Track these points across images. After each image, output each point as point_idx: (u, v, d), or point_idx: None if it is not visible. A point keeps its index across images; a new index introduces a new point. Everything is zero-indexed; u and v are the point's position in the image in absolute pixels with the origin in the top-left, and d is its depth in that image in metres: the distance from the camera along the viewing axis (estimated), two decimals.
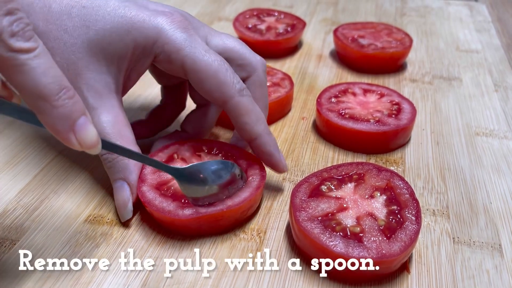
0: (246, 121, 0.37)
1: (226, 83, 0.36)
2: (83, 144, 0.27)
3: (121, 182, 0.37)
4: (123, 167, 0.36)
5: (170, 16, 0.37)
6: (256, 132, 0.37)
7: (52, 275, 0.33)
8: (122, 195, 0.36)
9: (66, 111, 0.26)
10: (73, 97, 0.27)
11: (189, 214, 0.34)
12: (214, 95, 0.37)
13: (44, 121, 0.26)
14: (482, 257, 0.35)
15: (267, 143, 0.38)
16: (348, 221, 0.34)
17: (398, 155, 0.46)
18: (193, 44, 0.36)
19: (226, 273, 0.33)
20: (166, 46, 0.36)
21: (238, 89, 0.37)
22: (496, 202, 0.40)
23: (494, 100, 0.55)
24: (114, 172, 0.37)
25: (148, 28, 0.36)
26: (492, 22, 0.76)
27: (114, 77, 0.37)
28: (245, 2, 0.81)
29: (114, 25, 0.36)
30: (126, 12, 0.36)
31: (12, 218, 0.37)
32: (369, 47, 0.59)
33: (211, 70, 0.36)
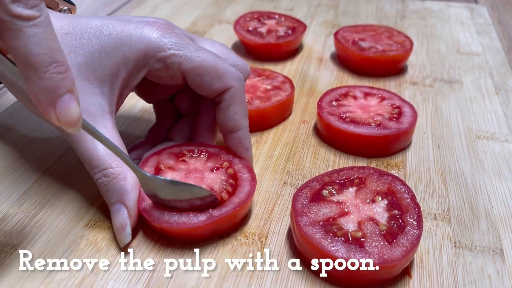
0: (237, 111, 0.38)
1: (226, 71, 0.37)
2: (61, 120, 0.27)
3: (118, 205, 0.35)
4: (120, 189, 0.35)
5: (154, 25, 0.37)
6: (242, 125, 0.39)
7: (53, 280, 0.33)
8: (119, 219, 0.35)
9: (51, 85, 0.26)
10: (63, 73, 0.26)
11: (204, 219, 0.34)
12: (216, 87, 0.37)
13: (29, 89, 0.26)
14: (483, 261, 0.35)
15: (247, 138, 0.39)
16: (349, 225, 0.34)
17: (399, 159, 0.46)
18: (184, 45, 0.37)
19: (228, 277, 0.33)
20: (159, 54, 0.36)
21: (238, 77, 0.38)
22: (497, 206, 0.40)
23: (495, 103, 0.55)
24: (111, 196, 0.35)
25: (136, 41, 0.36)
26: (493, 25, 0.76)
27: (107, 98, 0.37)
28: (245, 5, 0.81)
29: (101, 45, 0.36)
30: (111, 30, 0.36)
31: (13, 223, 0.37)
32: (370, 50, 0.59)
33: (209, 64, 0.37)
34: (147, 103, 0.52)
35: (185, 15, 0.76)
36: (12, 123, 0.49)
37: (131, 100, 0.54)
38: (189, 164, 0.39)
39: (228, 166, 0.39)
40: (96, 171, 0.35)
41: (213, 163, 0.40)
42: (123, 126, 0.49)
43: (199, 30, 0.72)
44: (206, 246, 0.36)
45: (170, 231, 0.35)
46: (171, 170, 0.38)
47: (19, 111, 0.51)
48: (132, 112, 0.52)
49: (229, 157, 0.40)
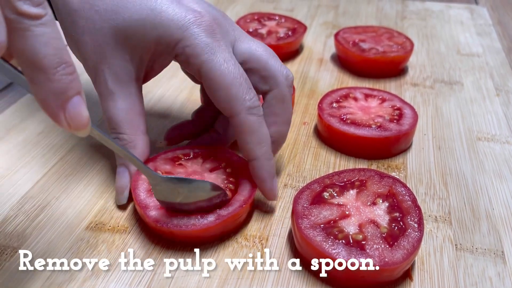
0: (248, 141, 0.36)
1: (236, 98, 0.35)
2: (71, 124, 0.26)
3: (123, 168, 0.38)
4: None
5: (199, 18, 0.36)
6: (255, 155, 0.36)
7: (54, 282, 0.33)
8: (121, 180, 0.38)
9: (61, 87, 0.25)
10: (71, 74, 0.25)
11: (213, 219, 0.34)
12: (222, 107, 0.36)
13: (36, 93, 0.25)
14: (484, 264, 0.35)
15: (263, 168, 0.37)
16: (350, 228, 0.34)
17: (400, 160, 0.46)
18: (214, 50, 0.35)
19: (229, 279, 0.33)
20: (187, 48, 0.36)
21: (247, 107, 0.36)
22: (498, 208, 0.40)
23: (496, 104, 0.55)
24: (120, 157, 0.38)
25: (174, 28, 0.35)
26: (493, 26, 0.76)
27: (136, 66, 0.38)
28: (245, 6, 0.81)
29: (141, 17, 0.36)
30: (156, 5, 0.36)
31: (14, 224, 0.37)
32: (370, 51, 0.59)
33: (225, 82, 0.35)
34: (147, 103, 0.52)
35: None
36: (13, 125, 0.49)
37: None
38: (187, 167, 0.39)
39: (226, 166, 0.39)
40: (112, 131, 0.38)
41: (210, 163, 0.40)
42: None
43: None
44: (206, 249, 0.35)
45: (180, 234, 0.35)
46: (169, 175, 0.38)
47: (20, 113, 0.51)
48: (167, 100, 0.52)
49: (226, 156, 0.40)
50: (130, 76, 0.37)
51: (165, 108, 0.53)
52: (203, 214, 0.35)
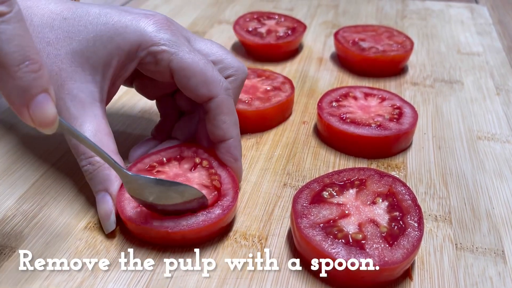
0: (225, 121, 0.38)
1: (213, 80, 0.37)
2: (36, 122, 0.26)
3: (103, 193, 0.36)
4: (104, 178, 0.36)
5: (152, 18, 0.37)
6: (231, 134, 0.38)
7: (52, 282, 0.32)
8: (104, 206, 0.36)
9: (23, 84, 0.25)
10: (36, 71, 0.25)
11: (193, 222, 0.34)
12: (200, 92, 0.37)
13: (1, 89, 0.25)
14: (485, 263, 0.35)
15: (236, 148, 0.39)
16: (350, 227, 0.34)
17: (400, 160, 0.45)
18: (178, 43, 0.36)
19: (228, 279, 0.33)
20: (151, 48, 0.36)
21: (224, 87, 0.37)
22: (498, 207, 0.40)
23: (496, 103, 0.55)
24: (96, 184, 0.36)
25: (130, 33, 0.36)
26: (493, 25, 0.76)
27: (99, 86, 0.37)
28: (245, 5, 0.81)
29: (97, 34, 0.36)
30: (108, 20, 0.36)
31: (12, 225, 0.37)
32: (370, 50, 0.59)
33: (198, 67, 0.36)
34: (147, 103, 0.52)
35: (185, 16, 0.76)
36: (11, 124, 0.49)
37: (131, 100, 0.54)
38: (167, 172, 0.39)
39: (200, 161, 0.39)
40: (82, 157, 0.36)
41: (188, 163, 0.39)
42: (123, 127, 0.49)
43: (199, 30, 0.71)
44: (205, 249, 0.35)
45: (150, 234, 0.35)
46: None
47: None
48: (132, 113, 0.52)
49: (196, 151, 0.40)
50: (93, 98, 0.37)
51: None
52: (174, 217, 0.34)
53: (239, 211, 0.39)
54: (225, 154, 0.39)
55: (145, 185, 0.33)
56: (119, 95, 0.54)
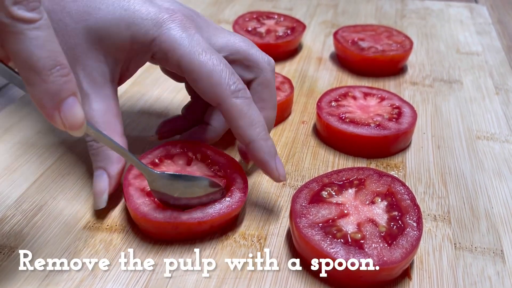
0: (239, 125, 0.36)
1: (219, 84, 0.35)
2: (66, 124, 0.27)
3: (101, 171, 0.37)
4: (106, 157, 0.37)
5: (172, 14, 0.36)
6: (250, 137, 0.36)
7: (51, 282, 0.32)
8: (100, 184, 0.37)
9: (55, 88, 0.26)
10: (66, 76, 0.26)
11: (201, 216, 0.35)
12: (208, 96, 0.36)
13: (32, 93, 0.26)
14: (484, 263, 0.35)
15: (261, 149, 0.36)
16: (349, 227, 0.34)
17: (399, 159, 0.45)
18: (191, 43, 0.35)
19: (227, 278, 0.33)
20: (163, 44, 0.36)
21: (232, 91, 0.35)
22: (497, 207, 0.40)
23: (495, 103, 0.55)
24: (97, 160, 0.37)
25: (148, 26, 0.36)
26: (493, 24, 0.76)
27: (111, 67, 0.37)
28: (244, 4, 0.81)
29: (115, 17, 0.36)
30: (129, 6, 0.36)
31: (11, 224, 0.37)
32: (369, 50, 0.59)
33: (205, 71, 0.35)
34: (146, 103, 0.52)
35: None
36: (10, 124, 0.49)
37: (130, 100, 0.54)
38: (168, 169, 0.39)
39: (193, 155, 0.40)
40: None
41: (182, 159, 0.40)
42: None
43: None
44: (204, 248, 0.35)
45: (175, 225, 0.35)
46: None
47: (18, 113, 0.50)
48: (132, 112, 0.52)
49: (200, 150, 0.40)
50: (105, 78, 0.37)
51: (162, 108, 0.52)
52: (200, 208, 0.35)
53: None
54: (253, 159, 0.37)
55: (169, 181, 0.34)
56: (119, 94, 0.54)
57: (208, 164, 0.39)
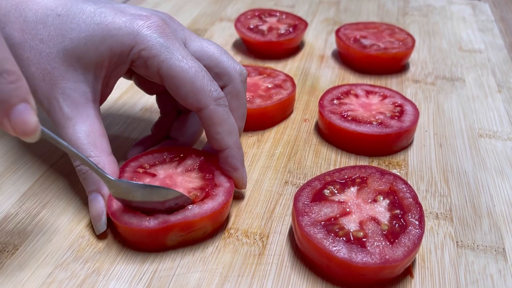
0: (218, 131, 0.36)
1: (202, 90, 0.35)
2: (17, 131, 0.27)
3: (95, 194, 0.36)
4: (97, 179, 0.36)
5: (147, 20, 0.36)
6: (227, 144, 0.37)
7: (55, 280, 0.33)
8: (96, 207, 0.36)
9: (2, 96, 0.26)
10: (14, 82, 0.26)
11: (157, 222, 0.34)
12: (190, 102, 0.36)
13: None
14: (486, 261, 0.35)
15: (235, 156, 0.37)
16: (351, 225, 0.34)
17: (401, 157, 0.45)
18: (170, 49, 0.35)
19: (229, 277, 0.33)
20: (142, 52, 0.35)
21: (214, 98, 0.36)
22: (499, 205, 0.40)
23: (498, 101, 0.55)
24: (89, 184, 0.36)
25: (124, 35, 0.35)
26: (495, 22, 0.76)
27: (91, 86, 0.37)
28: (246, 2, 0.81)
29: (89, 33, 0.35)
30: (102, 20, 0.36)
31: (15, 222, 0.37)
32: (372, 47, 0.59)
33: (187, 77, 0.35)
34: (148, 102, 0.52)
35: (186, 13, 0.76)
36: None
37: (131, 99, 0.54)
38: (157, 174, 0.38)
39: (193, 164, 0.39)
40: (75, 158, 0.36)
41: (180, 165, 0.39)
42: (123, 126, 0.49)
43: (200, 28, 0.71)
44: (207, 246, 0.36)
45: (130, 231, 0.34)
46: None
47: None
48: (132, 112, 0.52)
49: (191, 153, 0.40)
50: (86, 98, 0.36)
51: None
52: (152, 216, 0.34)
53: (240, 208, 0.39)
54: (223, 164, 0.38)
55: (128, 189, 0.34)
56: (120, 94, 0.55)
57: (201, 172, 0.38)
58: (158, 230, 0.33)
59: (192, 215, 0.34)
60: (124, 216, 0.34)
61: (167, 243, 0.35)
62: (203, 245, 0.36)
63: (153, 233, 0.34)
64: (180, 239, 0.35)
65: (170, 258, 0.34)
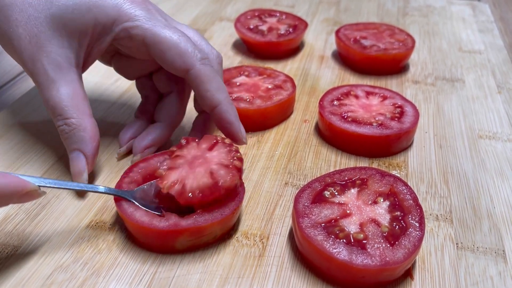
0: (207, 89, 0.38)
1: (187, 52, 0.38)
2: None
3: (76, 152, 0.38)
4: (79, 139, 0.38)
5: None
6: (218, 100, 0.38)
7: (55, 281, 0.33)
8: (77, 165, 0.38)
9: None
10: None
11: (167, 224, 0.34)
12: (176, 65, 0.38)
13: None
14: (486, 263, 0.35)
15: (228, 111, 0.39)
16: (351, 227, 0.34)
17: (401, 159, 0.45)
18: (152, 20, 0.38)
19: (229, 279, 0.33)
20: (126, 23, 0.38)
21: (199, 58, 0.38)
22: (499, 207, 0.40)
23: (497, 102, 0.55)
24: (70, 143, 0.38)
25: (108, 7, 0.38)
26: (495, 22, 0.76)
27: (75, 52, 0.38)
28: (246, 2, 0.81)
29: (76, 2, 0.37)
30: None
31: (14, 223, 0.37)
32: (372, 48, 0.59)
33: (172, 41, 0.38)
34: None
35: (186, 13, 0.76)
36: (13, 122, 0.49)
37: (131, 99, 0.54)
38: (185, 156, 0.37)
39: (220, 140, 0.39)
40: (58, 118, 0.38)
41: (206, 143, 0.38)
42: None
43: (200, 27, 0.71)
44: (207, 248, 0.35)
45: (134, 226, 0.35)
46: (172, 171, 0.37)
47: (20, 111, 0.50)
48: (133, 111, 0.52)
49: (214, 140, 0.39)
50: (70, 63, 0.38)
51: None
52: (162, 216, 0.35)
53: (240, 210, 0.39)
54: (218, 122, 0.39)
55: (144, 192, 0.36)
56: (124, 90, 0.54)
57: (230, 151, 0.37)
58: (168, 232, 0.33)
59: (203, 220, 0.34)
60: (136, 214, 0.34)
61: (176, 246, 0.35)
62: (203, 246, 0.35)
63: (162, 234, 0.34)
64: (190, 244, 0.35)
65: (170, 259, 0.34)
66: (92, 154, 0.39)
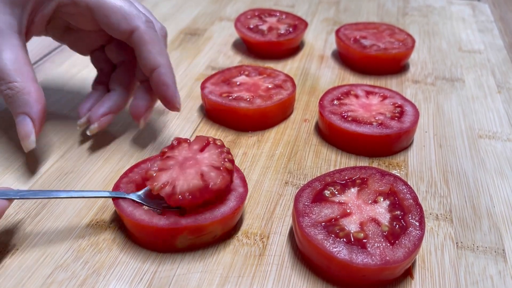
0: (150, 50, 0.39)
1: (132, 14, 0.39)
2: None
3: (22, 116, 0.38)
4: (24, 101, 0.38)
5: None
6: (158, 62, 0.39)
7: (55, 280, 0.33)
8: (23, 128, 0.38)
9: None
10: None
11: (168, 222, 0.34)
12: (122, 27, 0.39)
13: None
14: (485, 262, 0.35)
15: (166, 74, 0.40)
16: (351, 226, 0.34)
17: (401, 158, 0.45)
18: None
19: (230, 278, 0.33)
20: None
21: (144, 20, 0.39)
22: (499, 206, 0.40)
23: (497, 102, 0.55)
24: (15, 107, 0.38)
25: None
26: (495, 22, 0.76)
27: (17, 19, 0.39)
28: (246, 2, 0.81)
29: None
30: None
31: (15, 222, 0.37)
32: (372, 48, 0.59)
33: (116, 4, 0.39)
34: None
35: (185, 13, 0.76)
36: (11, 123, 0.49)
37: None
38: (176, 157, 0.37)
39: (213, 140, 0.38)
40: (1, 82, 0.38)
41: (198, 144, 0.38)
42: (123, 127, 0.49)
43: (200, 27, 0.71)
44: (207, 247, 0.35)
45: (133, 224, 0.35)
46: (163, 172, 0.36)
47: None
48: None
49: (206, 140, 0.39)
50: (12, 29, 0.38)
51: None
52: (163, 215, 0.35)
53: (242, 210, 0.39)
54: (156, 84, 0.40)
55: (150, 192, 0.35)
56: None
57: (221, 153, 0.37)
58: (167, 230, 0.33)
59: (203, 218, 0.34)
60: (135, 213, 0.34)
61: (176, 245, 0.35)
62: (203, 246, 0.35)
63: (162, 232, 0.34)
64: (190, 242, 0.35)
65: (171, 258, 0.34)
66: (38, 116, 0.38)
